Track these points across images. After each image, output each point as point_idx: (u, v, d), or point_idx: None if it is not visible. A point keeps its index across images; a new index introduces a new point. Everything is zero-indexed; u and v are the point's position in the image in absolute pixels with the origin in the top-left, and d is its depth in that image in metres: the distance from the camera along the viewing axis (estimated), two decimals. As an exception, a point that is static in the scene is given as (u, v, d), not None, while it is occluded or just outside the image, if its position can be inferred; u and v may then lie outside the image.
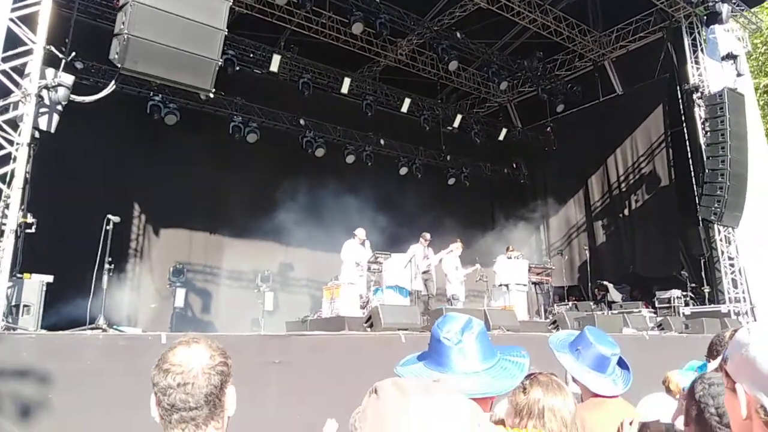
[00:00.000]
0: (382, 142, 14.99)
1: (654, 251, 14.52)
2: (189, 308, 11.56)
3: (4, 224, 5.42)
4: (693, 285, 12.98)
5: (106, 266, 6.29)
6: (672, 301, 12.56)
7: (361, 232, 10.83)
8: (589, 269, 15.12)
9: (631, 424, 1.97)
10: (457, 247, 12.03)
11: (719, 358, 1.23)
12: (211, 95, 7.84)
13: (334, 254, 11.21)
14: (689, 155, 13.55)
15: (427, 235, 11.56)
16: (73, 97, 6.34)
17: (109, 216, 6.54)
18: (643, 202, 15.20)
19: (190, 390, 1.34)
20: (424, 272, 11.28)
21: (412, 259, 10.53)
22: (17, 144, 5.65)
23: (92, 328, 5.58)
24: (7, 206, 5.48)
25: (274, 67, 12.88)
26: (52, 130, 6.20)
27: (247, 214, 12.14)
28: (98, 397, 4.20)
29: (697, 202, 12.57)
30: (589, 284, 14.90)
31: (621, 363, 2.60)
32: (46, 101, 6.06)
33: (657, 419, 2.08)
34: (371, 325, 7.40)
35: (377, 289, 10.46)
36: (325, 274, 11.18)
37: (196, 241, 12.60)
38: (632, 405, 2.67)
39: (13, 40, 5.79)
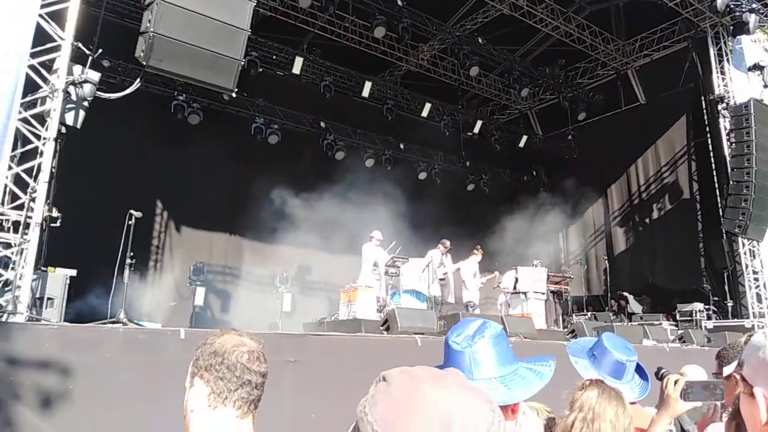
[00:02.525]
0: (401, 146, 15.00)
1: (675, 263, 14.29)
2: (208, 307, 11.65)
3: (30, 218, 5.52)
4: (716, 298, 12.75)
5: (128, 261, 6.37)
6: (694, 315, 12.36)
7: (378, 234, 10.82)
8: (608, 279, 14.94)
9: (676, 383, 1.91)
10: (475, 255, 11.99)
11: (734, 364, 1.18)
12: (234, 95, 7.90)
13: (351, 257, 11.21)
14: (713, 166, 13.36)
15: (447, 243, 11.52)
16: (99, 93, 6.45)
17: (132, 211, 6.62)
18: (665, 212, 15.00)
19: (255, 368, 1.38)
20: (440, 279, 11.24)
21: (430, 264, 10.49)
22: (44, 138, 5.76)
23: (113, 322, 5.64)
24: (33, 200, 5.58)
25: (296, 69, 12.98)
26: (78, 126, 6.30)
27: (266, 216, 12.20)
28: (117, 389, 4.23)
29: (721, 214, 12.36)
30: (608, 295, 14.73)
31: (640, 372, 2.55)
32: (73, 97, 6.17)
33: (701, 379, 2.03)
34: (387, 328, 7.38)
35: (394, 293, 10.42)
36: (343, 278, 11.18)
37: (217, 241, 12.72)
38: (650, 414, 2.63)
39: (42, 36, 5.91)
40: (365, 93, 13.99)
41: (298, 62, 12.95)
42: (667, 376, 1.97)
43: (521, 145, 16.68)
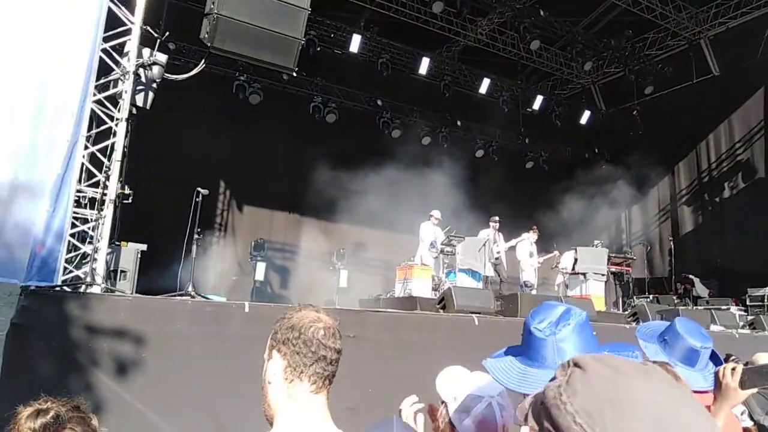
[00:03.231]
0: (458, 123, 14.81)
1: (747, 245, 13.56)
2: (268, 283, 12.02)
3: (105, 195, 5.81)
4: (791, 283, 12.07)
5: (195, 236, 6.64)
6: (766, 300, 11.76)
7: (437, 213, 10.82)
8: (673, 261, 14.38)
9: (733, 370, 1.86)
10: (530, 235, 11.80)
11: None
12: (294, 74, 8.00)
13: (407, 235, 11.25)
14: (792, 142, 12.54)
15: (496, 218, 11.38)
16: (167, 75, 6.67)
17: (199, 189, 6.87)
18: (738, 191, 14.24)
19: (330, 344, 1.40)
20: (495, 258, 11.15)
21: (486, 242, 10.41)
22: (117, 119, 6.03)
23: (181, 295, 5.92)
24: (107, 178, 5.87)
25: (354, 47, 12.98)
26: (148, 107, 6.56)
27: (324, 194, 12.40)
28: (187, 358, 4.46)
29: (800, 192, 11.64)
30: (673, 277, 14.19)
31: (715, 360, 2.46)
32: (143, 79, 6.41)
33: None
34: (444, 307, 7.41)
35: (450, 272, 10.43)
36: (399, 255, 11.26)
37: (277, 218, 13.06)
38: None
39: (112, 20, 6.15)
40: (422, 70, 13.86)
41: (356, 40, 12.95)
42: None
43: (583, 121, 16.15)
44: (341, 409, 1.56)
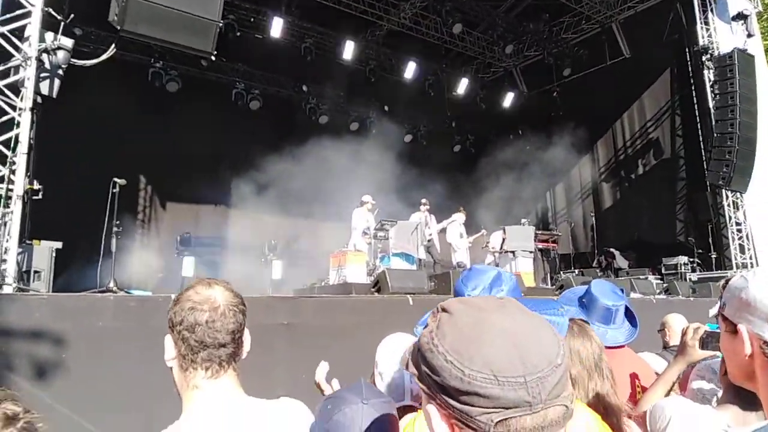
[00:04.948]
0: (386, 108, 14.84)
1: (660, 217, 14.44)
2: (197, 278, 11.61)
3: (11, 190, 5.41)
4: (700, 251, 12.95)
5: (114, 229, 6.29)
6: (679, 268, 12.57)
7: (368, 198, 10.80)
8: (595, 236, 15.09)
9: (695, 331, 1.96)
10: (459, 216, 12.03)
11: (716, 305, 1.29)
12: (213, 59, 7.72)
13: (338, 223, 11.18)
14: (697, 119, 13.39)
15: (425, 201, 11.53)
16: (74, 60, 6.27)
17: (115, 179, 6.51)
18: (650, 167, 15.08)
19: (218, 326, 1.31)
20: (427, 241, 11.30)
21: (419, 226, 10.51)
22: (20, 109, 5.61)
23: (103, 291, 5.61)
24: (12, 172, 5.46)
25: (275, 31, 12.68)
26: (54, 95, 6.15)
27: (251, 184, 12.09)
28: (112, 356, 4.22)
29: (705, 166, 12.45)
30: (595, 251, 14.90)
31: (630, 317, 2.59)
32: (47, 65, 6.00)
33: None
34: (378, 290, 7.41)
35: (384, 257, 10.46)
36: (330, 244, 11.18)
37: (203, 211, 12.62)
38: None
39: (9, 2, 5.71)
40: (347, 55, 13.74)
41: (277, 24, 12.64)
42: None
43: (506, 103, 16.57)
44: (274, 398, 1.49)
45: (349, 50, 13.67)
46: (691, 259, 12.77)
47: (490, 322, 0.72)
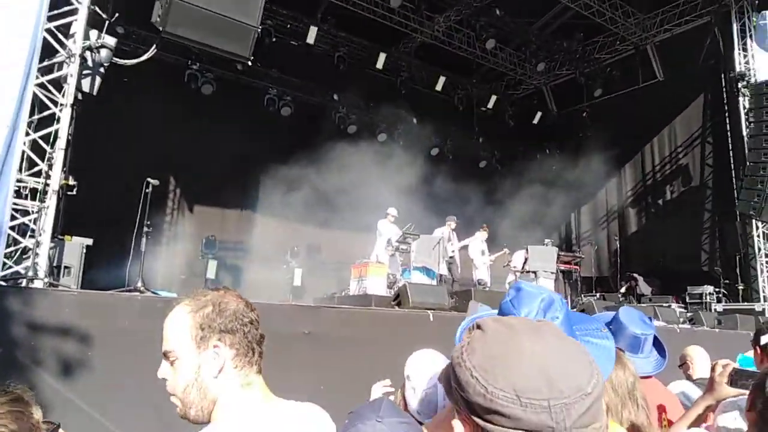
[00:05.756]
0: (414, 120, 14.85)
1: (687, 245, 14.17)
2: (219, 281, 11.68)
3: (48, 185, 5.52)
4: (726, 281, 12.68)
5: (145, 229, 6.37)
6: (704, 297, 12.32)
7: (393, 211, 10.80)
8: (618, 261, 14.88)
9: (724, 367, 1.92)
10: (482, 234, 11.96)
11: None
12: (249, 63, 7.82)
13: (362, 234, 11.17)
14: (730, 147, 13.16)
15: (454, 218, 11.48)
16: (115, 59, 6.41)
17: (149, 179, 6.59)
18: (679, 193, 14.85)
19: (258, 328, 1.36)
20: (449, 257, 11.25)
21: (441, 241, 10.48)
22: (61, 105, 5.73)
23: (130, 290, 5.67)
24: (50, 167, 5.57)
25: (310, 39, 12.80)
26: (95, 93, 6.27)
27: (277, 190, 12.15)
28: (135, 356, 4.26)
29: (736, 196, 12.22)
30: (618, 276, 14.68)
31: (659, 347, 2.54)
32: (89, 62, 6.12)
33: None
34: (399, 303, 7.39)
35: (405, 270, 10.44)
36: (352, 254, 11.17)
37: (228, 215, 12.73)
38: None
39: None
40: (379, 65, 13.82)
41: (313, 32, 12.77)
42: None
43: (535, 121, 16.48)
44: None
45: (381, 61, 13.74)
46: (717, 289, 12.50)
47: (521, 343, 0.73)
